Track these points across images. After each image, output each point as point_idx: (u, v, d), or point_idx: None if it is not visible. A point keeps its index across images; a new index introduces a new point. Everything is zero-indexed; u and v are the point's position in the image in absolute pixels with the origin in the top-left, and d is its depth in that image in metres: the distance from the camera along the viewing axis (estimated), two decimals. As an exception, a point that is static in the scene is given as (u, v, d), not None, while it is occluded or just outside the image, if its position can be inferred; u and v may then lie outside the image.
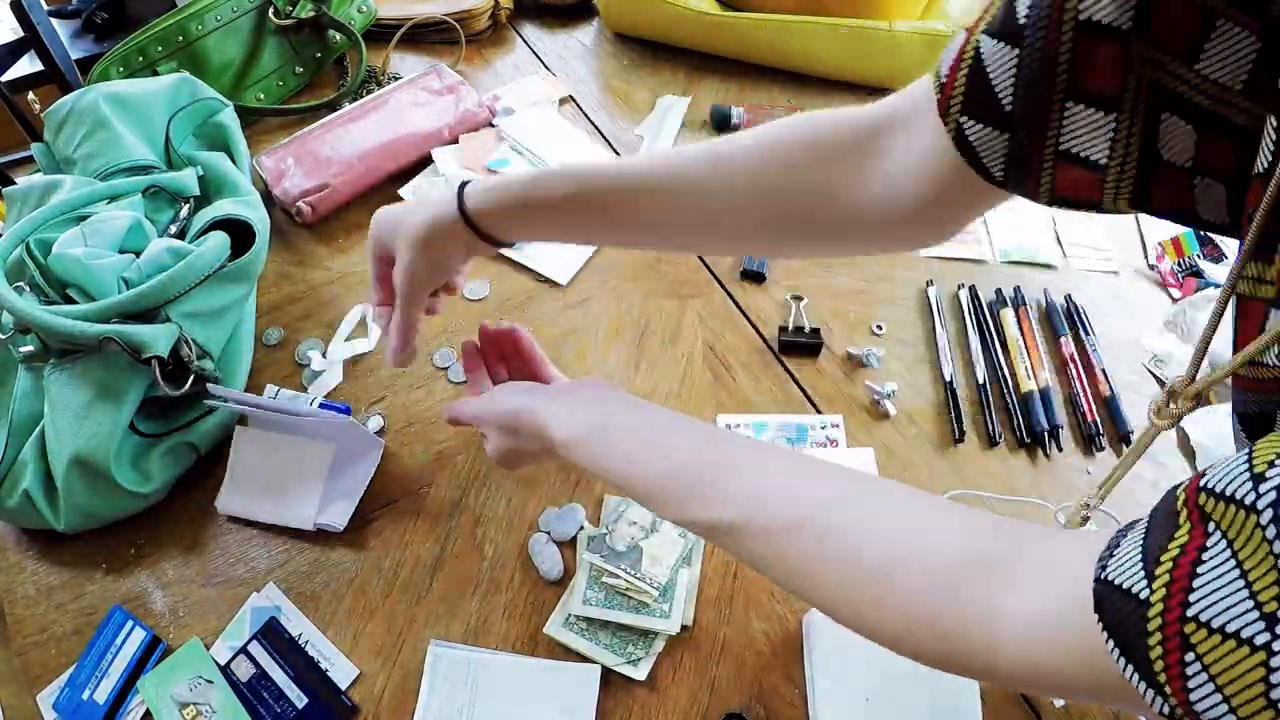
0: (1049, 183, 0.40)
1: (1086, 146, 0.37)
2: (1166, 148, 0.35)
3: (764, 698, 0.58)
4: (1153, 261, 0.89)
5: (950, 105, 0.40)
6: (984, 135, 0.40)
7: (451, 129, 0.94)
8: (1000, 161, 0.40)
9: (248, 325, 0.77)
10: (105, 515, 0.65)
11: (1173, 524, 0.28)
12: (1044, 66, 0.36)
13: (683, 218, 0.53)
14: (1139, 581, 0.27)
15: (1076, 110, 0.36)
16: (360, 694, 0.59)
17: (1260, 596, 0.24)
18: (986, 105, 0.39)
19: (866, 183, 0.46)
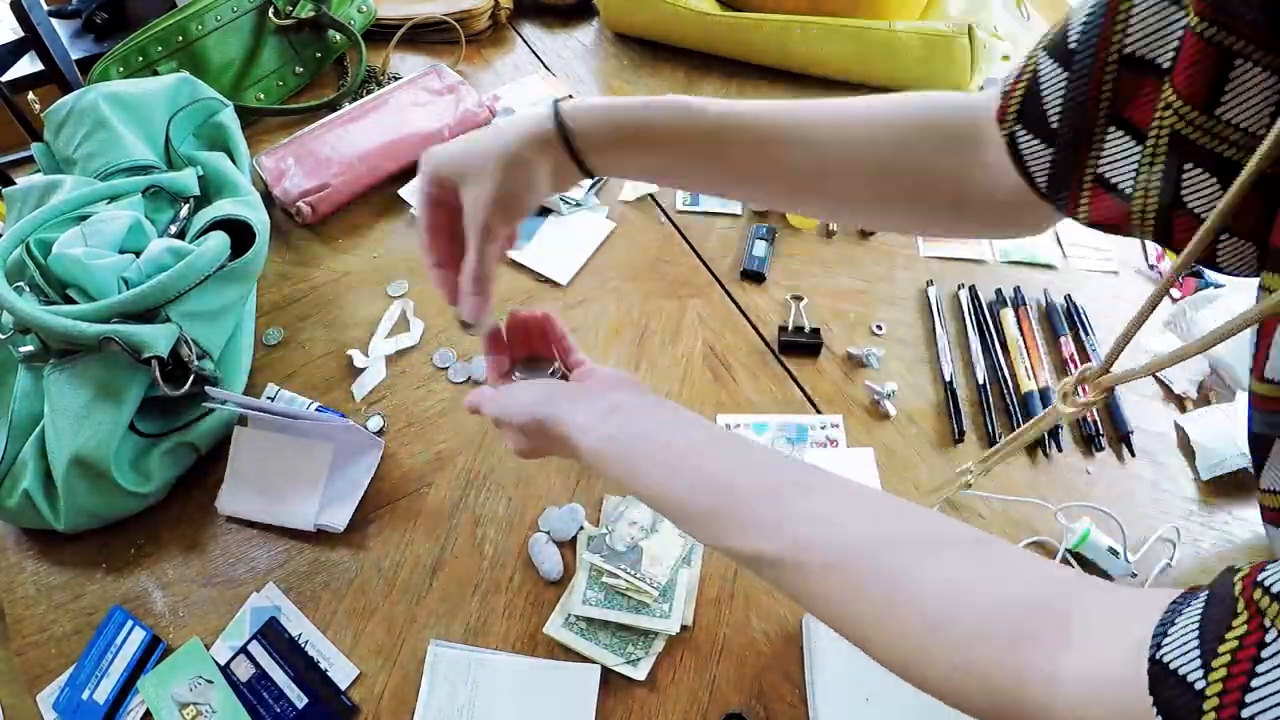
0: (1086, 205, 0.40)
1: (1117, 173, 0.38)
2: (1191, 198, 0.35)
3: (764, 698, 0.58)
4: (1152, 261, 0.89)
5: (1007, 114, 0.42)
6: (1033, 147, 0.41)
7: (451, 129, 0.94)
8: (1045, 175, 0.41)
9: (248, 325, 0.77)
10: (105, 515, 0.65)
11: (1230, 611, 0.27)
12: (1089, 92, 0.37)
13: (793, 172, 0.51)
14: (1195, 670, 0.27)
15: (1115, 135, 0.37)
16: (360, 694, 0.59)
17: None
18: (1037, 119, 0.40)
19: (973, 170, 0.47)
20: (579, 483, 0.69)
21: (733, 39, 1.05)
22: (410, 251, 0.86)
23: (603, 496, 0.68)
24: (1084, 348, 0.80)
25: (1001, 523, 0.68)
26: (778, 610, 0.62)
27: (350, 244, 0.87)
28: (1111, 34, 0.35)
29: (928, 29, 0.98)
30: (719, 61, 1.08)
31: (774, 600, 0.63)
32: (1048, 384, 0.76)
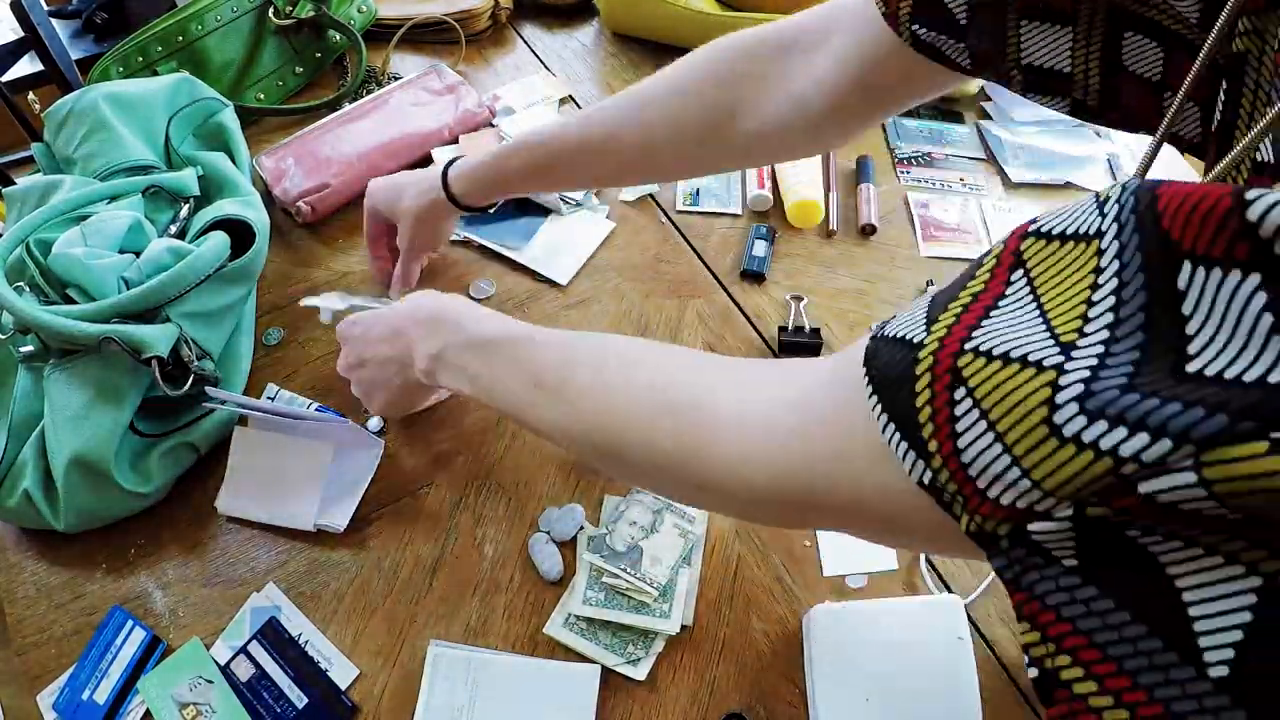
0: (1019, 80, 0.41)
1: (1048, 58, 0.39)
2: (1132, 61, 0.36)
3: (764, 698, 0.58)
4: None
5: (900, 16, 0.43)
6: (942, 41, 0.42)
7: (451, 129, 0.94)
8: (966, 58, 0.43)
9: (248, 325, 0.77)
10: (105, 515, 0.65)
11: (969, 274, 0.26)
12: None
13: (619, 164, 0.64)
14: (918, 330, 0.25)
15: (1031, 26, 0.38)
16: (360, 694, 0.59)
17: (1057, 324, 0.22)
18: (940, 17, 0.41)
19: (773, 102, 0.52)
20: (579, 483, 0.69)
21: (733, 39, 1.05)
22: (410, 251, 0.86)
23: (603, 496, 0.68)
24: (1084, 348, 0.80)
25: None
26: (778, 610, 0.62)
27: (350, 244, 0.87)
28: None
29: (928, 29, 0.98)
30: (719, 61, 1.08)
31: (774, 600, 0.63)
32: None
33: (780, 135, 0.54)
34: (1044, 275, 0.23)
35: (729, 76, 0.53)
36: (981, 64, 0.42)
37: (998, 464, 0.21)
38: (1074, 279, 0.22)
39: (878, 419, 0.25)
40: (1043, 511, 0.21)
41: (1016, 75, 0.41)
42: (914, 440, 0.24)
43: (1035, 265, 0.23)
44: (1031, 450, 0.21)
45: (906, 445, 0.24)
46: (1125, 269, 0.21)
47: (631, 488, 0.68)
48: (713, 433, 0.34)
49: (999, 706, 0.58)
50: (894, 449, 0.24)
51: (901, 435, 0.24)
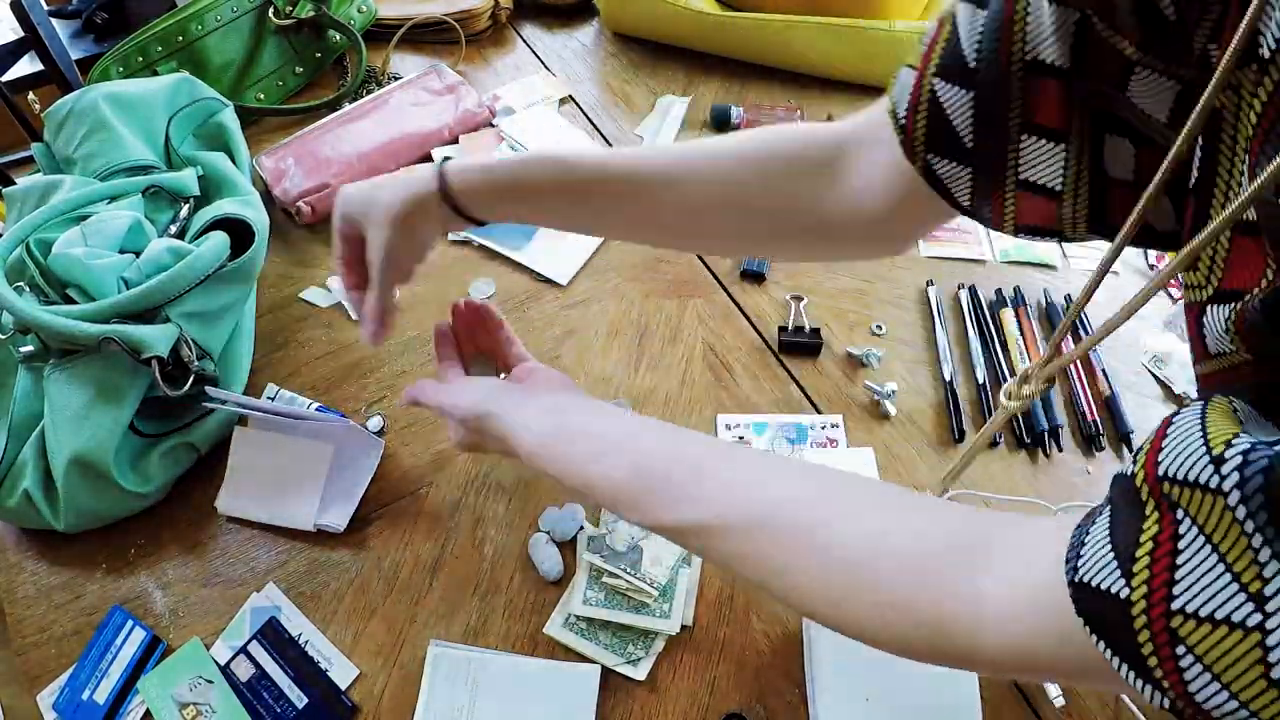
0: (1012, 211, 0.42)
1: (1043, 175, 0.39)
2: (1112, 165, 0.38)
3: (764, 698, 0.58)
4: (1153, 262, 0.89)
5: (915, 145, 0.43)
6: (949, 170, 0.42)
7: (451, 129, 0.95)
8: (966, 192, 0.42)
9: (248, 325, 0.77)
10: (105, 515, 0.65)
11: (1138, 514, 0.28)
12: (998, 105, 0.38)
13: (660, 215, 0.55)
14: (1116, 580, 0.27)
15: (1030, 142, 0.38)
16: (360, 694, 0.59)
17: (1243, 578, 0.24)
18: (949, 143, 0.41)
19: (833, 197, 0.49)
20: (579, 483, 0.69)
21: (733, 39, 1.05)
22: (410, 251, 0.86)
23: (603, 496, 0.68)
24: (1084, 348, 0.80)
25: (1001, 523, 0.68)
26: (778, 610, 0.62)
27: (350, 244, 0.87)
28: (1012, 45, 0.37)
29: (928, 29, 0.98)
30: (719, 61, 1.08)
31: (774, 600, 0.63)
32: (1048, 384, 0.76)
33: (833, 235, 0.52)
34: (1207, 524, 0.25)
35: (796, 160, 0.50)
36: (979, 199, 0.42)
37: (1229, 706, 0.24)
38: (1227, 528, 0.25)
39: (1110, 658, 0.28)
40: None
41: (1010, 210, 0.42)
42: (1149, 679, 0.26)
43: (1192, 510, 0.26)
44: (1256, 699, 0.24)
45: (1142, 682, 0.27)
46: (1262, 529, 0.23)
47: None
48: (961, 640, 0.34)
49: (999, 706, 0.58)
50: (1131, 681, 0.27)
51: (1136, 673, 0.27)
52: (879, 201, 0.47)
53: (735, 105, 1.00)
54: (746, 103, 1.02)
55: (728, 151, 0.52)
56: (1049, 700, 0.59)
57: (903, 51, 0.99)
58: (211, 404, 0.67)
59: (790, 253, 0.63)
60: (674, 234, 0.59)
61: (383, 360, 0.77)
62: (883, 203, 0.47)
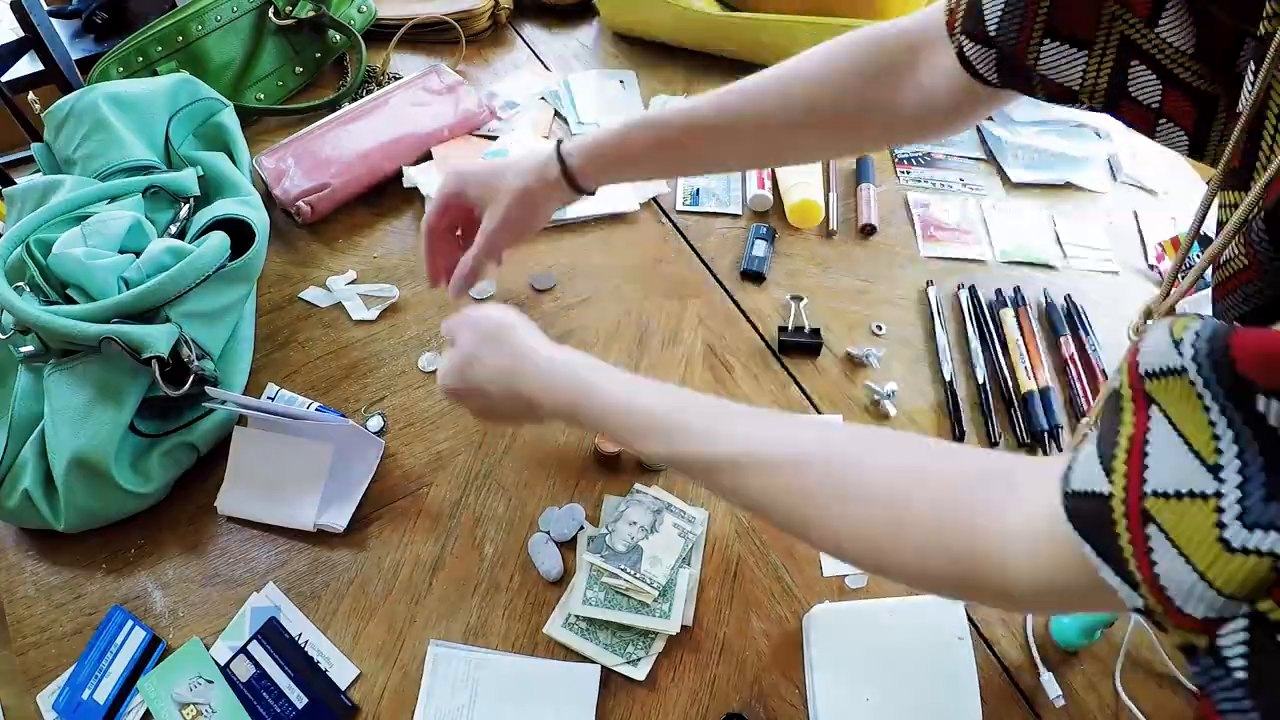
0: (1039, 85, 0.45)
1: (1061, 75, 0.43)
2: (1135, 88, 0.40)
3: (764, 698, 0.58)
4: (1152, 261, 0.89)
5: (955, 27, 0.48)
6: (977, 51, 0.47)
7: (451, 129, 0.94)
8: (994, 73, 0.47)
9: (247, 325, 0.77)
10: (105, 515, 0.65)
11: (1117, 415, 0.29)
12: (1026, 8, 0.42)
13: (749, 146, 0.62)
14: (1100, 481, 0.29)
15: (1052, 45, 0.42)
16: (360, 694, 0.59)
17: (1201, 453, 0.26)
18: (978, 28, 0.46)
19: (907, 93, 0.54)
20: (579, 483, 0.69)
21: (733, 39, 1.05)
22: (410, 252, 0.86)
23: (603, 496, 0.68)
24: (1084, 348, 0.80)
25: (1001, 523, 0.68)
26: (778, 610, 0.62)
27: (350, 244, 0.87)
28: None
29: (928, 29, 0.98)
30: (719, 61, 1.08)
31: (774, 600, 0.63)
32: (1048, 384, 0.76)
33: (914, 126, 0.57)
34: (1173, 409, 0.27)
35: (869, 69, 0.55)
36: (1005, 77, 0.47)
37: (1187, 581, 0.26)
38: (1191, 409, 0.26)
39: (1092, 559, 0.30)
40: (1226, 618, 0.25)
41: (1036, 85, 0.45)
42: (1124, 574, 0.28)
43: (1163, 399, 0.27)
44: (1211, 565, 0.25)
45: (1120, 578, 0.28)
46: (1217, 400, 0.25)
47: (632, 486, 0.68)
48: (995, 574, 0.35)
49: (998, 706, 0.58)
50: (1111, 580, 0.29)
51: (1115, 571, 0.29)
52: (947, 89, 0.51)
53: (735, 105, 0.99)
54: (746, 103, 1.02)
55: (804, 76, 0.57)
56: (1049, 700, 0.59)
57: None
58: (211, 404, 0.67)
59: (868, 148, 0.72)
60: (761, 158, 0.69)
61: (383, 360, 0.77)
62: (947, 94, 0.52)
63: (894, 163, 0.97)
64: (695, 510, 0.67)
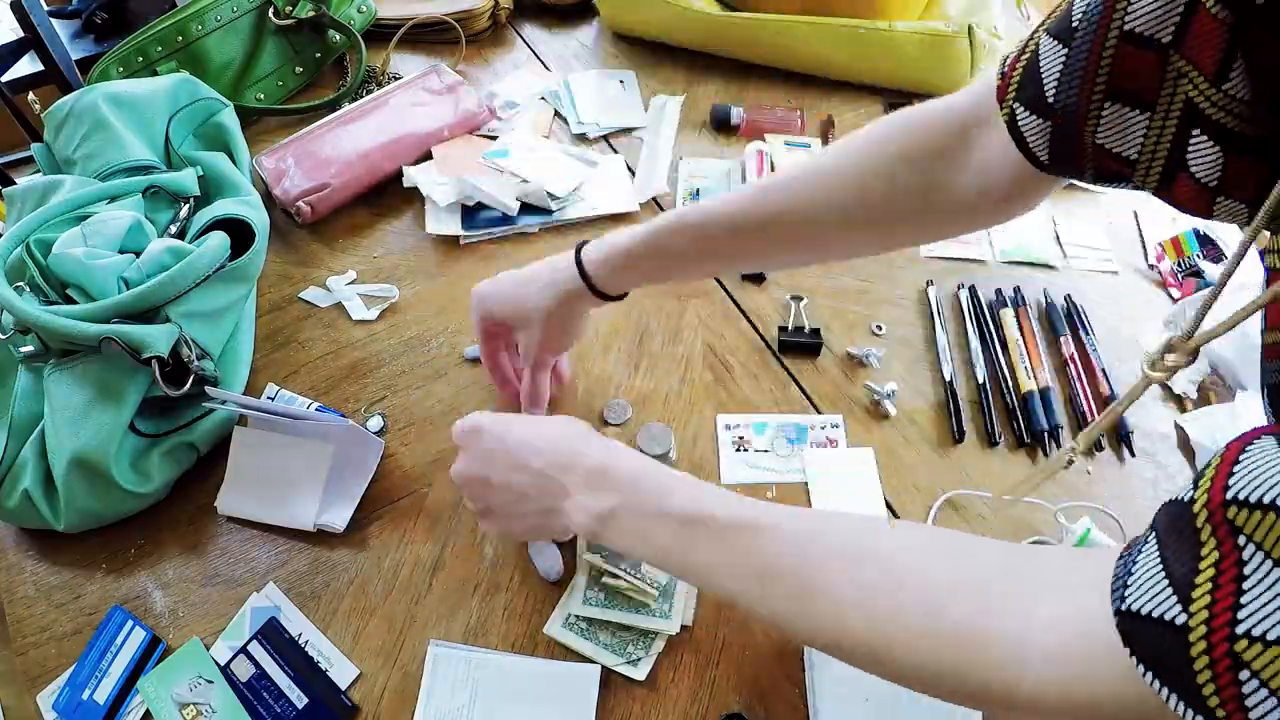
0: (1090, 160, 0.42)
1: (1120, 143, 0.40)
2: (1195, 161, 0.37)
3: (764, 698, 0.58)
4: (1152, 261, 0.89)
5: (1007, 92, 0.45)
6: (1031, 122, 0.43)
7: (451, 129, 0.95)
8: (1045, 148, 0.44)
9: (248, 325, 0.77)
10: (105, 515, 0.65)
11: (1194, 542, 0.27)
12: (1088, 66, 0.39)
13: (799, 243, 0.57)
14: (1171, 608, 0.27)
15: (1113, 109, 0.39)
16: (360, 694, 0.59)
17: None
18: (1035, 94, 0.42)
19: (964, 176, 0.50)
20: (579, 483, 0.69)
21: (733, 39, 1.05)
22: (409, 252, 0.86)
23: (603, 496, 0.68)
24: (1084, 347, 0.80)
25: (1001, 522, 0.68)
26: (778, 610, 0.62)
27: (350, 244, 0.87)
28: (1114, 12, 0.37)
29: (928, 29, 0.98)
30: (719, 61, 1.08)
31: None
32: (1048, 384, 0.76)
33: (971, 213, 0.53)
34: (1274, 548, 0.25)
35: (918, 153, 0.51)
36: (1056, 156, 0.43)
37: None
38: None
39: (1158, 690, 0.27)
40: None
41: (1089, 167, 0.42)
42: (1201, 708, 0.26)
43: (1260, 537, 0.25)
44: None
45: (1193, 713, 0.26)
46: None
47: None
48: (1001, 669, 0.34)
49: (999, 706, 0.58)
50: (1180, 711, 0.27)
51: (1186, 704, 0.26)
52: (999, 174, 0.48)
53: (735, 105, 1.00)
54: (746, 103, 1.02)
55: (847, 165, 0.53)
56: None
57: (902, 51, 1.00)
58: (211, 404, 0.67)
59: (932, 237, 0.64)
60: (809, 254, 0.63)
61: (383, 360, 0.77)
62: (999, 175, 0.48)
63: (894, 163, 0.97)
64: (695, 510, 0.67)
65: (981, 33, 0.97)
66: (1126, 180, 0.41)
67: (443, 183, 0.89)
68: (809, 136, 0.98)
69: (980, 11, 1.01)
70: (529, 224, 0.88)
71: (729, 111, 0.99)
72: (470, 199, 0.88)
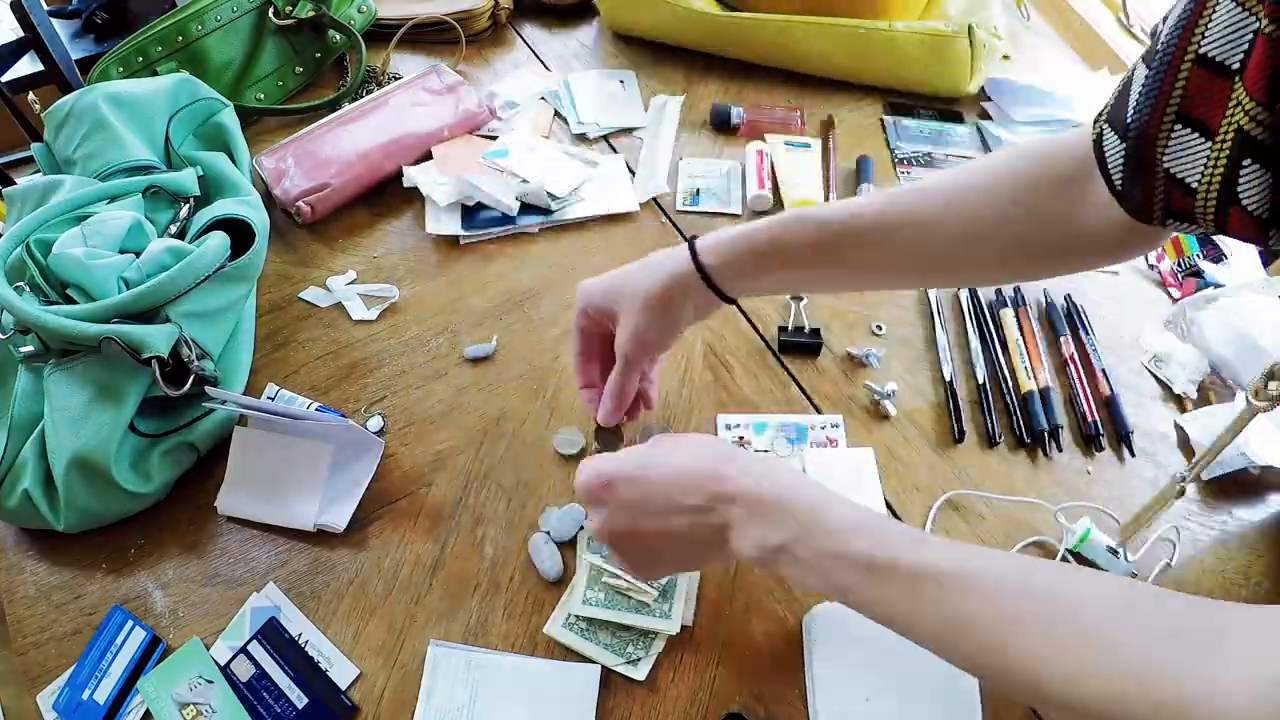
0: (1161, 200, 0.42)
1: (1184, 169, 0.40)
2: (1245, 191, 0.37)
3: (764, 698, 0.58)
4: (1152, 261, 0.89)
5: (1101, 114, 0.45)
6: (1112, 143, 0.44)
7: (451, 129, 0.94)
8: (1120, 172, 0.44)
9: (248, 325, 0.77)
10: (105, 515, 0.65)
11: None
12: (1162, 87, 0.39)
13: (917, 262, 0.55)
14: None
15: (1182, 132, 0.39)
16: (360, 694, 0.59)
17: None
18: (1118, 114, 0.43)
19: (1090, 207, 0.49)
20: (579, 483, 0.69)
21: (733, 39, 1.05)
22: (409, 252, 0.86)
23: (603, 496, 0.68)
24: (1084, 348, 0.80)
25: (1002, 523, 0.68)
26: (778, 610, 0.62)
27: (350, 244, 0.87)
28: (1193, 35, 0.37)
29: (928, 29, 0.98)
30: (719, 61, 1.08)
31: (774, 600, 0.63)
32: (1048, 384, 0.76)
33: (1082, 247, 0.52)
34: None
35: (1048, 186, 0.50)
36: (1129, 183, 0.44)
37: None
38: None
39: None
40: None
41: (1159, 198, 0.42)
42: None
43: None
44: None
45: None
46: None
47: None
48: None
49: (999, 706, 0.58)
50: None
51: None
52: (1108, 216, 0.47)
53: (735, 105, 1.00)
54: (746, 103, 1.02)
55: (973, 184, 0.52)
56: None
57: (902, 51, 1.00)
58: (211, 404, 0.67)
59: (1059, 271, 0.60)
60: (932, 275, 0.60)
61: (383, 360, 0.77)
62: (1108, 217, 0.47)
63: (894, 163, 0.97)
64: (695, 510, 0.67)
65: (981, 33, 0.97)
66: (1190, 218, 0.41)
67: (443, 183, 0.89)
68: (809, 136, 0.98)
69: (980, 11, 1.01)
70: (529, 224, 0.88)
71: (729, 111, 0.99)
72: (470, 199, 0.88)
